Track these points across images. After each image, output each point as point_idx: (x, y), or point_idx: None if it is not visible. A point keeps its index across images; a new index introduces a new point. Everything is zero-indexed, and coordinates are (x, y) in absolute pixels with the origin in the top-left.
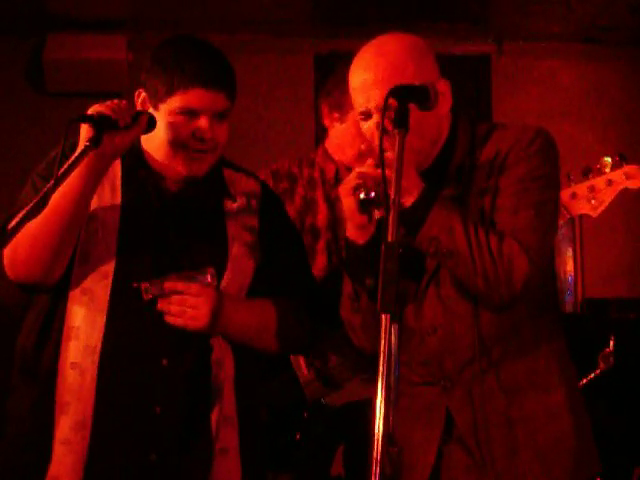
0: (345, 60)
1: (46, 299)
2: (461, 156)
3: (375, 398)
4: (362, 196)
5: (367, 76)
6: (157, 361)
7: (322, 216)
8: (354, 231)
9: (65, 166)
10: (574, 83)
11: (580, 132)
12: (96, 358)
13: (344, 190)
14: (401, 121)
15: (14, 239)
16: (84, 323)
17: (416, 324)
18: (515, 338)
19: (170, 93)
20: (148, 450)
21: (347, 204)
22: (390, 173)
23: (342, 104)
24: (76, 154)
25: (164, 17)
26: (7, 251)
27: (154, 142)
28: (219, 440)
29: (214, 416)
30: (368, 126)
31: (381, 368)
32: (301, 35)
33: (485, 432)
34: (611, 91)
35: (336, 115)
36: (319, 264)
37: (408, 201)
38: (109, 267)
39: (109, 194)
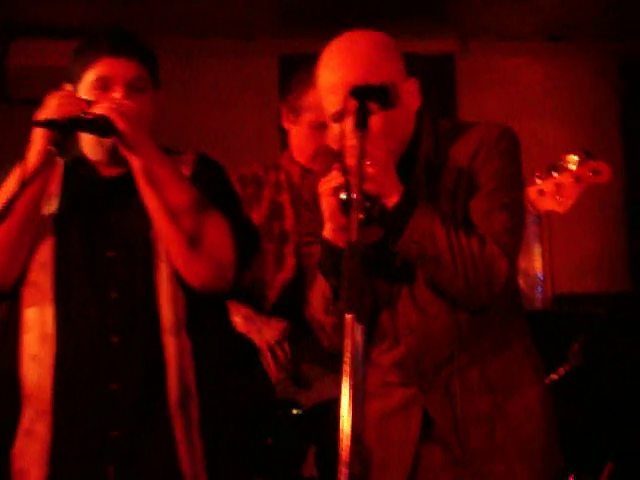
0: (305, 62)
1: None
2: (426, 155)
3: (342, 398)
4: (343, 197)
5: (338, 77)
6: (107, 339)
7: (289, 220)
8: (333, 233)
9: (28, 173)
10: (539, 81)
11: (545, 130)
12: (52, 347)
13: (325, 190)
14: (361, 121)
15: None
16: (36, 314)
17: (391, 325)
18: (489, 337)
19: (83, 69)
20: (108, 428)
21: (327, 205)
22: (372, 171)
23: (296, 107)
24: (36, 160)
25: (127, 23)
26: None
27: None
28: (179, 413)
29: (172, 389)
30: (341, 128)
31: (347, 368)
32: (265, 37)
33: (465, 430)
34: (576, 88)
35: (292, 118)
36: (288, 267)
37: (390, 203)
38: (48, 256)
39: (51, 191)
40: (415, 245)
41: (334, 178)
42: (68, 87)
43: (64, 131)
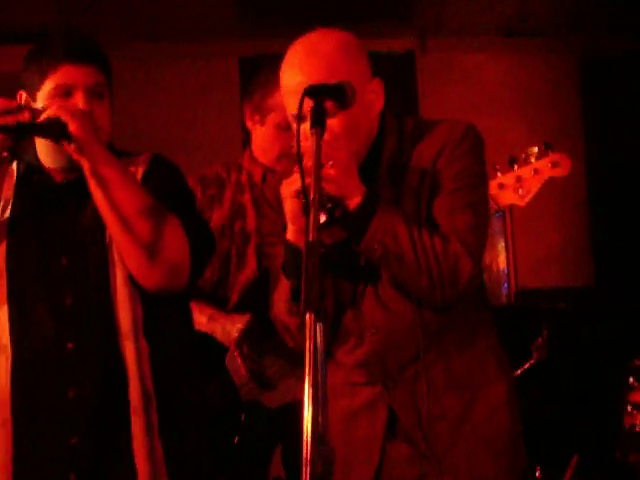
0: (267, 63)
1: None
2: (390, 155)
3: (303, 398)
4: (304, 199)
5: (300, 78)
6: (62, 346)
7: (251, 220)
8: (296, 234)
9: None
10: (499, 77)
11: (507, 125)
12: (8, 356)
13: (287, 192)
14: (317, 120)
15: None
16: None
17: (355, 325)
18: (453, 334)
19: (42, 77)
20: (68, 435)
21: (289, 207)
22: (333, 172)
23: (262, 107)
24: None
25: (85, 28)
26: None
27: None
28: (140, 418)
29: (133, 394)
30: (303, 129)
31: (307, 368)
32: (224, 38)
33: (429, 426)
34: (536, 83)
35: (257, 118)
36: (250, 267)
37: (352, 204)
38: (1, 264)
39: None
40: (378, 245)
41: (295, 181)
42: (23, 95)
43: (15, 136)
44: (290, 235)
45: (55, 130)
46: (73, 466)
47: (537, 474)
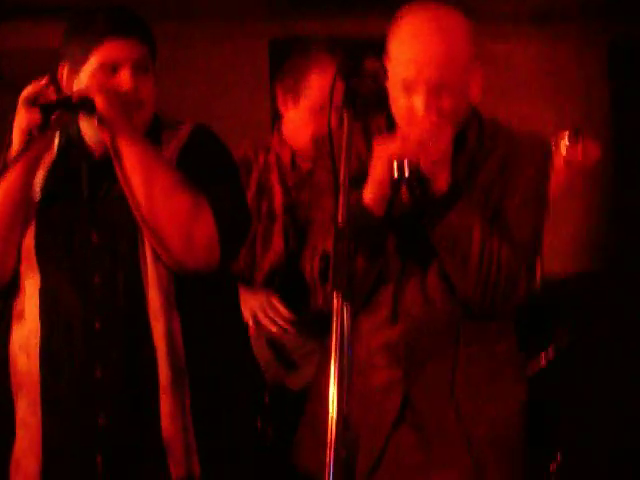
0: (299, 45)
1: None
2: (470, 148)
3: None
4: (396, 172)
5: (420, 45)
6: (90, 324)
7: (278, 200)
8: (373, 200)
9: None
10: (528, 63)
11: (535, 111)
12: (36, 335)
13: (381, 155)
14: (350, 101)
15: None
16: (23, 302)
17: (391, 303)
18: (483, 336)
19: (87, 53)
20: (96, 415)
21: (380, 171)
22: (435, 154)
23: (295, 90)
24: (21, 142)
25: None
26: None
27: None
28: (170, 396)
29: (162, 373)
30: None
31: (333, 349)
32: (255, 20)
33: (445, 424)
34: (565, 69)
35: (290, 101)
36: (276, 246)
37: (438, 188)
38: (31, 241)
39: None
40: (450, 237)
41: (394, 150)
42: (64, 69)
43: (46, 111)
44: (367, 197)
45: (79, 106)
46: (101, 446)
47: (557, 460)
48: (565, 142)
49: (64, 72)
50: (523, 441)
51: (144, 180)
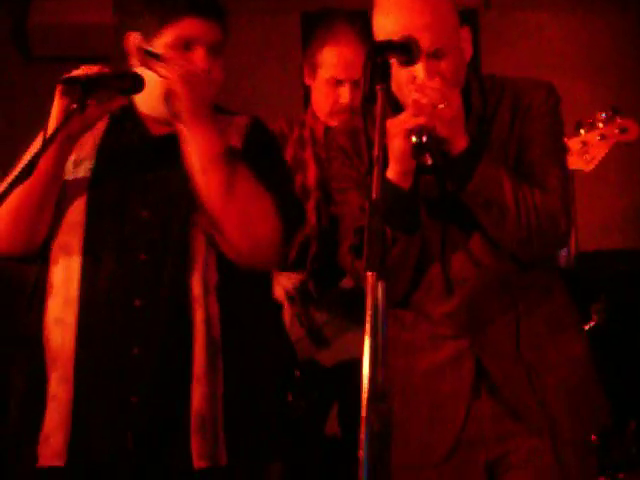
0: (325, 18)
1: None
2: (476, 105)
3: (363, 357)
4: (414, 139)
5: (409, 18)
6: (130, 301)
7: (312, 175)
8: (399, 175)
9: (50, 132)
10: (563, 36)
11: (571, 85)
12: (74, 309)
13: (397, 131)
14: (383, 77)
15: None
16: (62, 276)
17: (442, 276)
18: (537, 289)
19: (162, 26)
20: (129, 393)
21: (398, 146)
22: (448, 114)
23: (314, 63)
24: (57, 119)
25: None
26: None
27: (148, 86)
28: (203, 382)
29: (196, 361)
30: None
31: (368, 327)
32: None
33: (518, 382)
34: (601, 43)
35: (311, 74)
36: (309, 224)
37: (458, 148)
38: (79, 216)
39: (88, 150)
40: (483, 191)
41: (407, 120)
42: (133, 36)
43: (85, 88)
44: (392, 175)
45: (122, 84)
46: (132, 425)
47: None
48: (602, 118)
49: (130, 42)
50: (595, 392)
51: (208, 172)
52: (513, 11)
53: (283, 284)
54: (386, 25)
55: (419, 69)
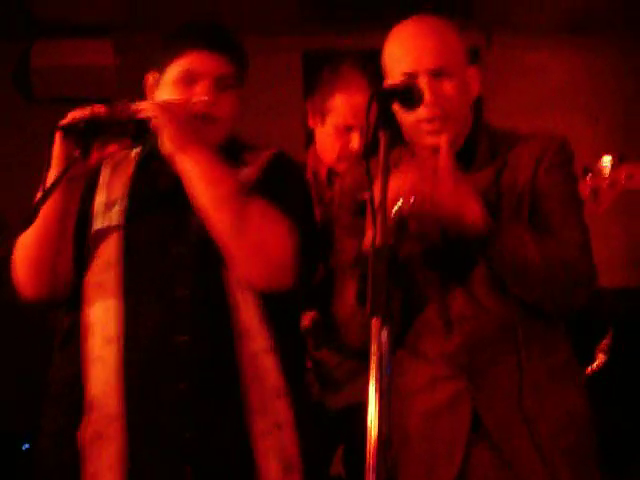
0: (329, 62)
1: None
2: (484, 150)
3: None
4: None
5: (415, 42)
6: (175, 338)
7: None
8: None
9: (52, 178)
10: (563, 74)
11: (573, 123)
12: (116, 347)
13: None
14: (385, 123)
15: (15, 259)
16: (99, 315)
17: (442, 320)
18: (545, 336)
19: (170, 60)
20: (183, 428)
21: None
22: (449, 187)
23: (322, 108)
24: (59, 165)
25: (150, 20)
26: (13, 270)
27: None
28: (251, 369)
29: (248, 390)
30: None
31: (373, 372)
32: (289, 33)
33: (510, 430)
34: (602, 80)
35: (318, 118)
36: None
37: (475, 224)
38: (113, 255)
39: (118, 193)
40: (508, 255)
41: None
42: (152, 76)
43: (85, 135)
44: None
45: (127, 130)
46: (188, 459)
47: None
48: (609, 163)
49: (148, 81)
50: (595, 448)
51: (210, 200)
52: (514, 50)
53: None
54: (393, 56)
55: (422, 84)
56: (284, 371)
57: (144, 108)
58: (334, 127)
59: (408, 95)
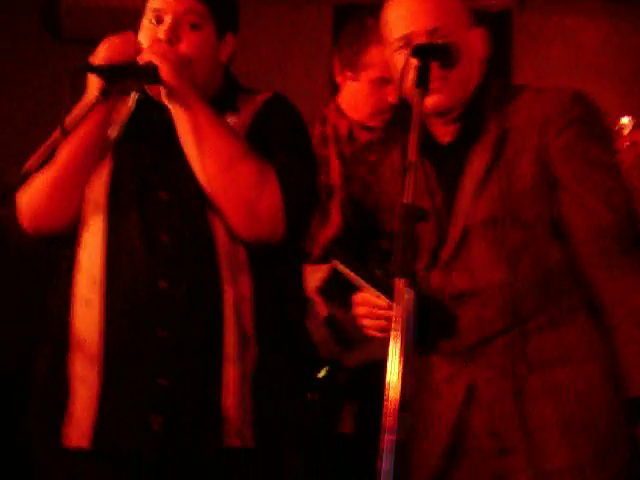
0: (359, 15)
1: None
2: (491, 107)
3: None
4: None
5: (409, 5)
6: (155, 283)
7: (335, 174)
8: None
9: (75, 117)
10: (596, 41)
11: (602, 90)
12: (100, 290)
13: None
14: (422, 81)
15: (30, 194)
16: (86, 254)
17: (439, 291)
18: (554, 308)
19: (145, 2)
20: (156, 375)
21: None
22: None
23: (355, 63)
24: (85, 104)
25: None
26: (24, 206)
27: None
28: (233, 365)
29: (226, 340)
30: (403, 55)
31: (396, 333)
32: None
33: (510, 405)
34: (634, 49)
35: (349, 73)
36: (334, 223)
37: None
38: (101, 195)
39: (113, 130)
40: None
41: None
42: (128, 34)
43: (109, 78)
44: None
45: (150, 74)
46: (158, 407)
47: None
48: (628, 124)
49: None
50: (614, 425)
51: (200, 148)
52: (547, 14)
53: (308, 279)
54: (389, 11)
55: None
56: (262, 318)
57: (146, 53)
58: (369, 81)
59: (446, 54)
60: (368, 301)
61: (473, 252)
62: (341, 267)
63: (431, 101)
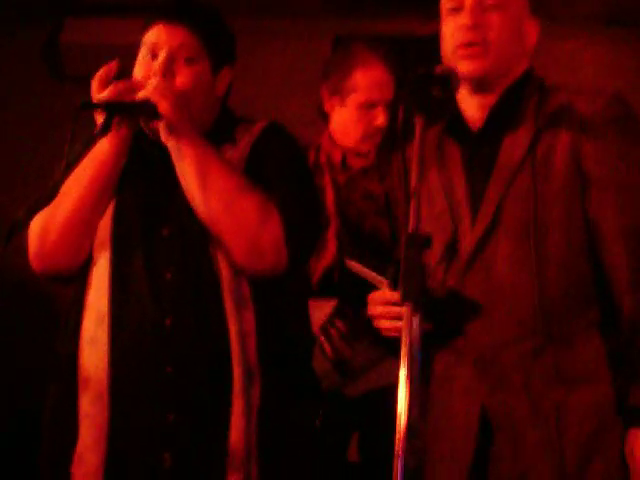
0: (341, 43)
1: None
2: (529, 100)
3: (397, 390)
4: None
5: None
6: (161, 321)
7: (330, 202)
8: None
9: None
10: (595, 65)
11: None
12: (107, 328)
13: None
14: (421, 106)
15: (40, 231)
16: (94, 295)
17: (456, 290)
18: (573, 322)
19: (142, 37)
20: (165, 411)
21: None
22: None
23: (340, 88)
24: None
25: None
26: (33, 243)
27: None
28: (241, 398)
29: (235, 375)
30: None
31: (403, 360)
32: (320, 17)
33: (521, 422)
34: (632, 72)
35: (336, 100)
36: (330, 252)
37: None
38: (106, 234)
39: None
40: None
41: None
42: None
43: (108, 114)
44: None
45: (148, 110)
46: (168, 443)
47: None
48: None
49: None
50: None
51: (201, 185)
52: (547, 38)
53: (315, 316)
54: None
55: (467, 6)
56: (266, 350)
57: (144, 90)
58: (356, 105)
59: (446, 80)
60: (383, 298)
61: (497, 250)
62: (356, 266)
63: (468, 66)
